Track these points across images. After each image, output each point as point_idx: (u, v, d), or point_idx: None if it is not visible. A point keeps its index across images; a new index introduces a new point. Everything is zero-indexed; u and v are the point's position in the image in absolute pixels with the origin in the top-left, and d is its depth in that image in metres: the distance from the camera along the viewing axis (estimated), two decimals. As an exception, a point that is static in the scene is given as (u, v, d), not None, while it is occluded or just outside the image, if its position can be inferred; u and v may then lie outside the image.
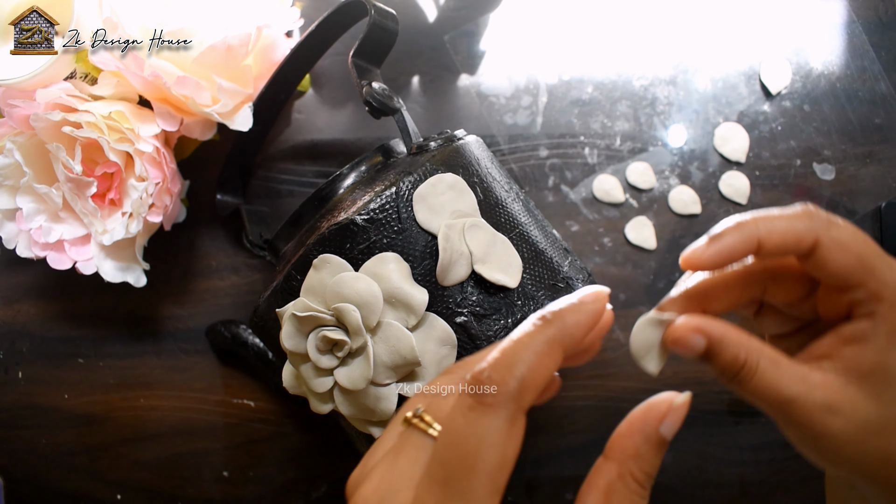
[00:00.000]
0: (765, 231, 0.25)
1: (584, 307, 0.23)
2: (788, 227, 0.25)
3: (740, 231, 0.25)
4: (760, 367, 0.25)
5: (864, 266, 0.25)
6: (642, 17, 0.51)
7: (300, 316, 0.31)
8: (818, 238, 0.25)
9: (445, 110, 0.50)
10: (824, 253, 0.25)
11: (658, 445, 0.24)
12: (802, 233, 0.25)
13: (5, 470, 0.49)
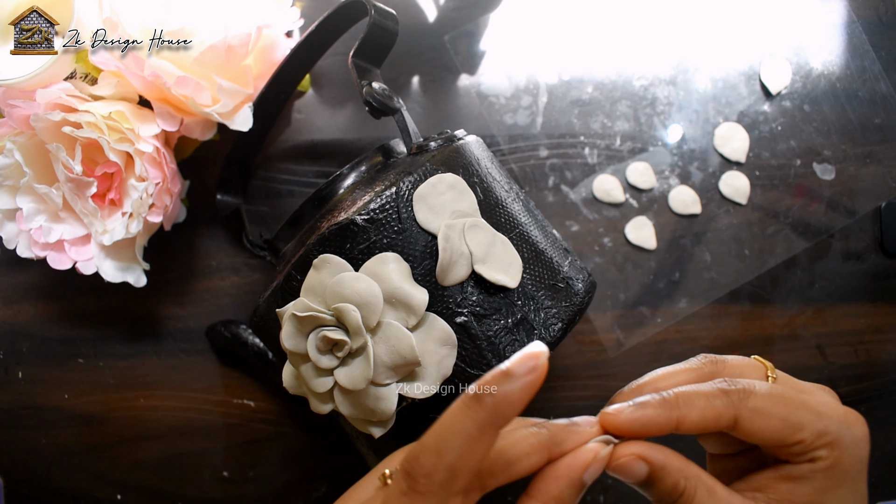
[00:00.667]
0: (685, 410, 0.26)
1: (517, 381, 0.21)
2: (706, 406, 0.26)
3: (662, 408, 0.26)
4: (697, 496, 0.25)
5: (792, 426, 0.26)
6: (642, 17, 0.51)
7: (300, 316, 0.31)
8: (737, 414, 0.26)
9: (445, 110, 0.50)
10: (747, 425, 0.26)
11: (579, 489, 0.25)
12: (721, 410, 0.26)
13: (5, 470, 0.49)
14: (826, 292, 0.49)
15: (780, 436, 0.26)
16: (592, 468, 0.25)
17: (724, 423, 0.26)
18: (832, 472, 0.25)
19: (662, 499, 0.26)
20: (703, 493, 0.25)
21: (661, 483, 0.26)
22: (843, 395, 0.49)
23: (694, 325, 0.49)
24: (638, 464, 0.26)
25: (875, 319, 0.49)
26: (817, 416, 0.26)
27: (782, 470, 0.26)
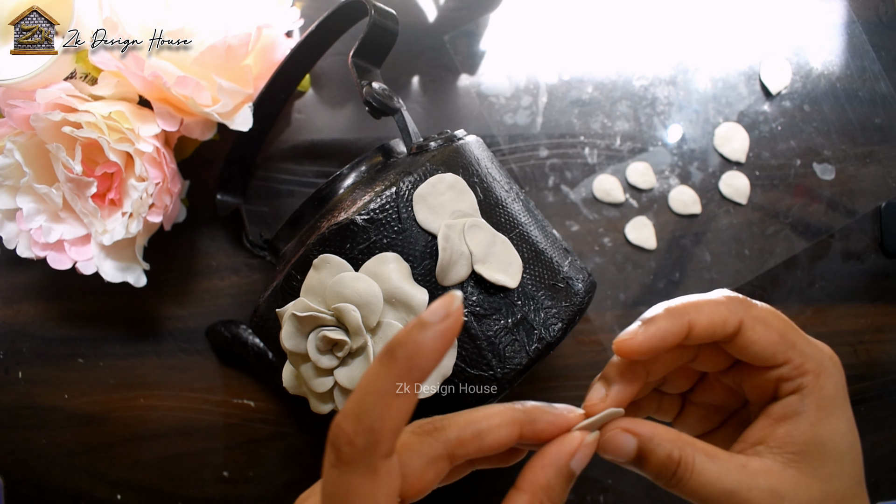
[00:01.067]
0: (694, 315, 0.26)
1: (430, 330, 0.20)
2: (715, 311, 0.26)
3: (672, 316, 0.26)
4: (697, 462, 0.25)
5: (787, 341, 0.26)
6: (642, 17, 0.51)
7: (300, 316, 0.31)
8: (742, 319, 0.26)
9: (445, 110, 0.50)
10: (748, 333, 0.26)
11: (567, 478, 0.25)
12: (727, 315, 0.26)
13: (5, 470, 0.49)
14: (826, 292, 0.49)
15: (774, 349, 0.26)
16: (579, 455, 0.25)
17: (730, 328, 0.26)
18: (823, 401, 0.26)
19: (661, 472, 0.25)
20: (703, 458, 0.25)
21: (653, 456, 0.25)
22: (843, 395, 0.49)
23: (694, 325, 0.49)
24: (625, 437, 0.26)
25: (875, 319, 0.49)
26: (806, 340, 0.27)
27: (773, 413, 0.27)
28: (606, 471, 0.48)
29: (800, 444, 0.26)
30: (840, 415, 0.26)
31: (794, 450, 0.26)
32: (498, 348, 0.31)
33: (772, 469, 0.25)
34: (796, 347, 0.26)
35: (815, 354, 0.27)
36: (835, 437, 0.26)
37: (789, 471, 0.25)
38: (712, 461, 0.25)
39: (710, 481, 0.25)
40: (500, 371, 0.31)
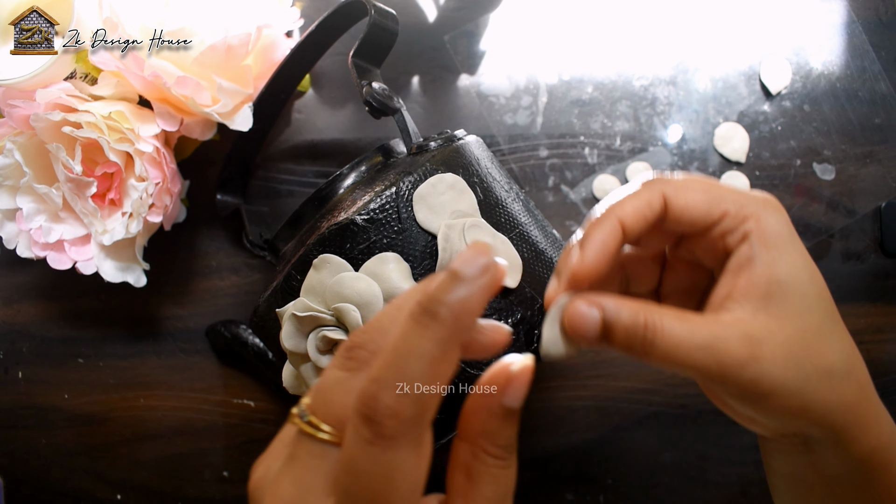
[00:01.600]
0: (620, 212, 0.26)
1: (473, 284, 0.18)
2: (636, 199, 0.26)
3: (601, 225, 0.26)
4: (665, 325, 0.24)
5: (715, 196, 0.27)
6: (642, 17, 0.51)
7: (300, 316, 0.31)
8: (663, 193, 0.26)
9: (445, 110, 0.50)
10: (674, 203, 0.26)
11: (505, 417, 0.21)
12: (649, 196, 0.26)
13: (5, 470, 0.49)
14: (826, 292, 0.49)
15: (706, 207, 0.26)
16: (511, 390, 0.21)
17: (656, 206, 0.26)
18: (768, 239, 0.26)
19: (630, 340, 0.24)
20: (671, 321, 0.24)
21: (618, 324, 0.24)
22: (843, 395, 0.49)
23: (694, 325, 0.49)
24: (588, 309, 0.24)
25: (875, 319, 0.49)
26: (732, 191, 0.27)
27: (730, 268, 0.26)
28: (606, 471, 0.48)
29: (762, 287, 0.25)
30: (792, 250, 0.26)
31: (758, 294, 0.25)
32: (498, 348, 0.31)
33: (742, 318, 0.25)
34: (727, 198, 0.27)
35: (749, 200, 0.27)
36: (792, 271, 0.26)
37: (759, 316, 0.25)
38: (681, 321, 0.24)
39: (683, 340, 0.24)
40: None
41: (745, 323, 0.25)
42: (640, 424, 0.48)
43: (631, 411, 0.48)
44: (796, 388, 0.25)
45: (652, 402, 0.48)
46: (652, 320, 0.24)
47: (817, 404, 0.25)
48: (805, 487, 0.29)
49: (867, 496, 0.28)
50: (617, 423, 0.48)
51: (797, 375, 0.24)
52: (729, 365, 0.24)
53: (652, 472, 0.48)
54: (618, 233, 0.26)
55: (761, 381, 0.24)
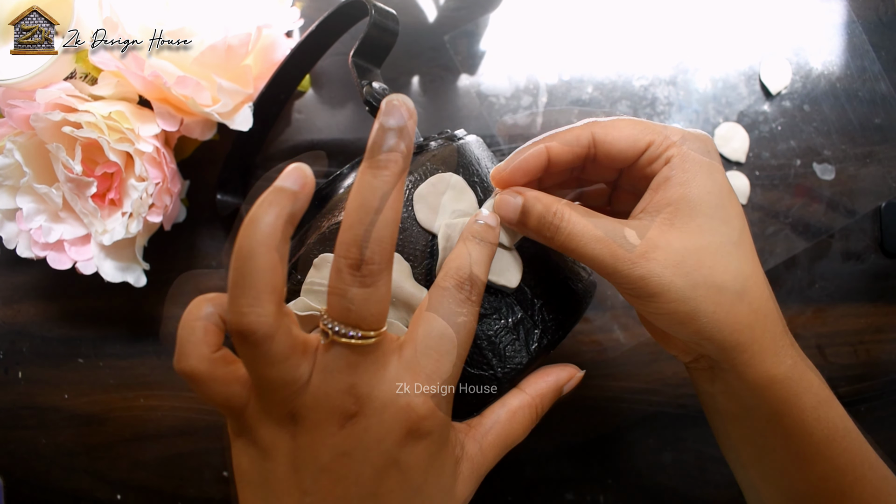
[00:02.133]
0: (549, 141, 0.30)
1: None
2: (566, 133, 0.30)
3: (531, 146, 0.30)
4: (570, 216, 0.28)
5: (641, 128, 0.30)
6: (642, 17, 0.51)
7: (301, 315, 0.31)
8: (593, 131, 0.30)
9: (445, 110, 0.50)
10: (602, 138, 0.30)
11: (557, 395, 0.31)
12: (578, 132, 0.30)
13: (5, 470, 0.49)
14: (826, 292, 0.49)
15: (633, 138, 0.29)
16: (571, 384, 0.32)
17: (584, 141, 0.30)
18: (685, 164, 0.29)
19: (541, 223, 0.29)
20: (577, 214, 0.28)
21: (533, 210, 0.29)
22: (843, 395, 0.49)
23: (694, 325, 0.49)
24: (513, 196, 0.29)
25: (875, 319, 0.49)
26: (661, 128, 0.30)
27: (651, 186, 0.30)
28: (606, 471, 0.48)
29: (671, 202, 0.28)
30: (706, 176, 0.29)
31: (667, 210, 0.28)
32: (498, 348, 0.31)
33: (646, 226, 0.28)
34: (654, 129, 0.30)
35: (675, 130, 0.30)
36: (701, 193, 0.28)
37: (663, 227, 0.28)
38: (587, 216, 0.28)
39: (585, 229, 0.28)
40: (500, 370, 0.31)
41: (647, 228, 0.28)
42: (640, 424, 0.48)
43: (631, 411, 0.48)
44: (683, 294, 0.27)
45: (652, 402, 0.48)
46: (561, 210, 0.28)
47: (704, 315, 0.27)
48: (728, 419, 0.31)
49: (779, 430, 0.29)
50: (617, 423, 0.48)
51: (685, 282, 0.27)
52: (621, 258, 0.27)
53: (652, 472, 0.48)
54: (542, 157, 0.30)
55: (649, 279, 0.27)
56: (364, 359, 0.24)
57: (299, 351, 0.24)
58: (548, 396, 0.30)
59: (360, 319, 0.24)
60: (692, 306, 0.27)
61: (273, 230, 0.22)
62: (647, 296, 0.28)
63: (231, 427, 0.26)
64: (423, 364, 0.25)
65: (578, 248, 0.28)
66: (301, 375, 0.24)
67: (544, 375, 0.31)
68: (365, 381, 0.24)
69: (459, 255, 0.27)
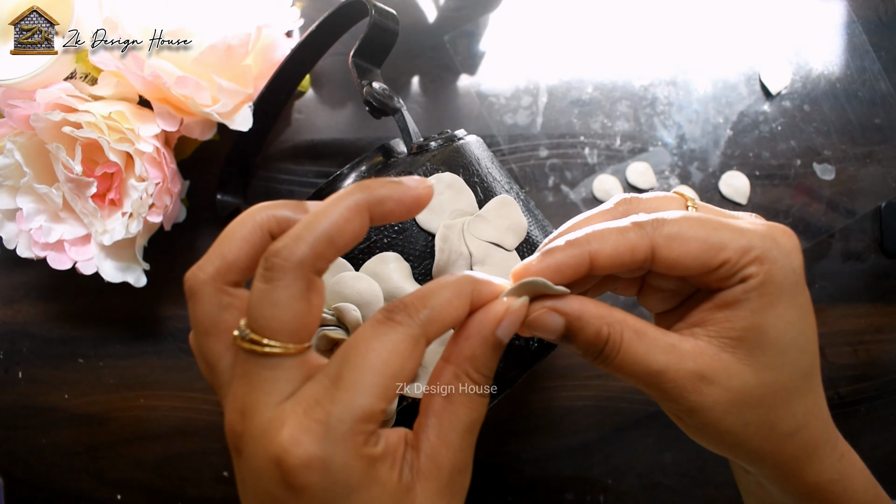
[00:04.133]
0: (597, 245, 0.24)
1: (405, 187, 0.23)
2: (619, 239, 0.24)
3: (571, 248, 0.24)
4: (625, 340, 0.24)
5: (712, 247, 0.24)
6: (642, 17, 0.51)
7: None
8: (653, 242, 0.24)
9: (445, 110, 0.50)
10: (665, 254, 0.24)
11: (494, 347, 0.23)
12: (635, 241, 0.24)
13: (5, 470, 0.49)
14: (826, 292, 0.49)
15: (702, 259, 0.24)
16: (505, 323, 0.23)
17: (640, 255, 0.24)
18: (766, 287, 0.24)
19: (589, 350, 0.24)
20: (631, 336, 0.24)
21: (581, 333, 0.24)
22: (843, 395, 0.49)
23: (694, 325, 0.49)
24: (552, 316, 0.24)
25: (875, 319, 0.49)
26: (739, 234, 0.24)
27: (717, 299, 0.25)
28: (606, 471, 0.48)
29: (738, 329, 0.24)
30: (788, 302, 0.24)
31: (732, 335, 0.24)
32: (498, 348, 0.31)
33: (704, 352, 0.24)
34: (728, 247, 0.24)
35: (755, 244, 0.24)
36: (779, 325, 0.24)
37: (723, 356, 0.24)
38: (641, 339, 0.24)
39: (637, 360, 0.24)
40: (500, 370, 0.31)
41: (704, 358, 0.24)
42: (640, 424, 0.48)
43: (631, 411, 0.48)
44: (730, 429, 0.24)
45: (652, 402, 0.48)
46: (614, 335, 0.24)
47: (751, 448, 0.25)
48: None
49: None
50: (617, 423, 0.48)
51: (736, 419, 0.24)
52: (671, 393, 0.24)
53: (652, 472, 0.48)
54: (584, 265, 0.24)
55: (698, 413, 0.24)
56: (261, 372, 0.21)
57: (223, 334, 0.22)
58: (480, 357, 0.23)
59: (253, 319, 0.21)
60: (738, 440, 0.25)
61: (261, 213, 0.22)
62: (694, 425, 0.25)
63: None
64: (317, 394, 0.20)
65: (628, 377, 0.24)
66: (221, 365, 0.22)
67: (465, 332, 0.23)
68: (252, 400, 0.21)
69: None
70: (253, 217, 0.22)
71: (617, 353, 0.24)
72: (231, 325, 0.22)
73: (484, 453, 0.48)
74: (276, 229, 0.22)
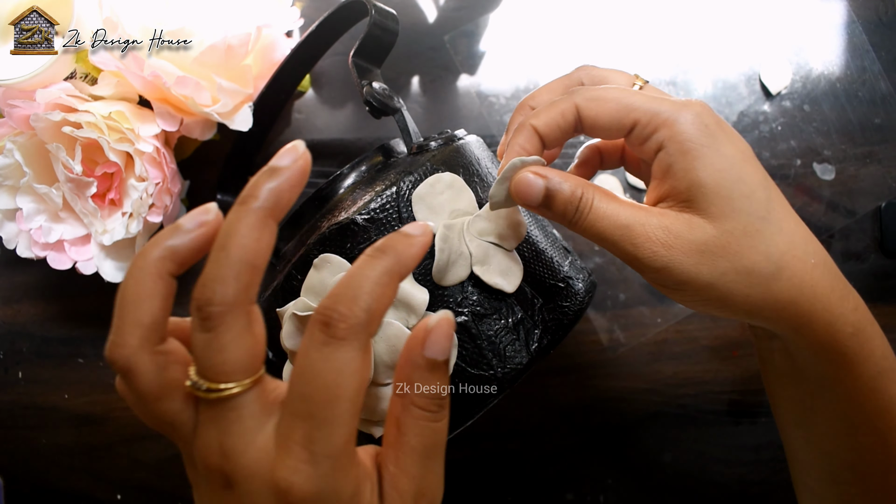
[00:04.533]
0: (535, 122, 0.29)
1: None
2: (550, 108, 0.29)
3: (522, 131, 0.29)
4: (596, 200, 0.27)
5: (625, 106, 0.28)
6: (642, 17, 0.51)
7: (301, 315, 0.31)
8: (576, 104, 0.28)
9: (445, 110, 0.50)
10: (585, 114, 0.28)
11: (429, 368, 0.23)
12: (564, 107, 0.29)
13: (5, 470, 0.49)
14: (826, 292, 0.49)
15: (616, 118, 0.28)
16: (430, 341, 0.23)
17: (569, 117, 0.29)
18: (683, 145, 0.27)
19: (565, 208, 0.27)
20: (601, 197, 0.27)
21: (559, 194, 0.27)
22: (843, 395, 0.49)
23: (694, 325, 0.49)
24: (534, 178, 0.28)
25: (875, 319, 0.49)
26: (651, 101, 0.27)
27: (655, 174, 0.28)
28: (606, 471, 0.48)
29: (683, 192, 0.27)
30: (711, 154, 0.26)
31: (681, 199, 0.27)
32: (498, 348, 0.31)
33: (668, 214, 0.27)
34: (638, 108, 0.27)
35: (666, 109, 0.27)
36: (712, 175, 0.26)
37: (683, 214, 0.27)
38: (610, 200, 0.27)
39: (608, 215, 0.27)
40: (500, 371, 0.31)
41: (668, 217, 0.27)
42: (640, 424, 0.48)
43: (631, 411, 0.48)
44: (710, 282, 0.26)
45: (652, 402, 0.48)
46: (586, 196, 0.27)
47: (738, 299, 0.26)
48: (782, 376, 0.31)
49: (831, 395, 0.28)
50: (617, 422, 0.48)
51: (710, 270, 0.26)
52: (642, 247, 0.26)
53: (652, 472, 0.48)
54: (537, 141, 0.29)
55: (672, 269, 0.26)
56: (228, 414, 0.21)
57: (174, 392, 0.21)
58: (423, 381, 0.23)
59: (204, 369, 0.21)
60: (723, 293, 0.26)
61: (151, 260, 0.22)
62: (674, 285, 0.27)
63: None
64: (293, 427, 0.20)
65: (601, 233, 0.27)
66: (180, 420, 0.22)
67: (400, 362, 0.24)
68: (231, 442, 0.21)
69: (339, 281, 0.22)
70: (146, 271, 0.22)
71: (589, 210, 0.27)
72: (178, 380, 0.22)
73: (484, 453, 0.48)
74: (174, 268, 0.22)
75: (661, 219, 0.26)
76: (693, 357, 0.48)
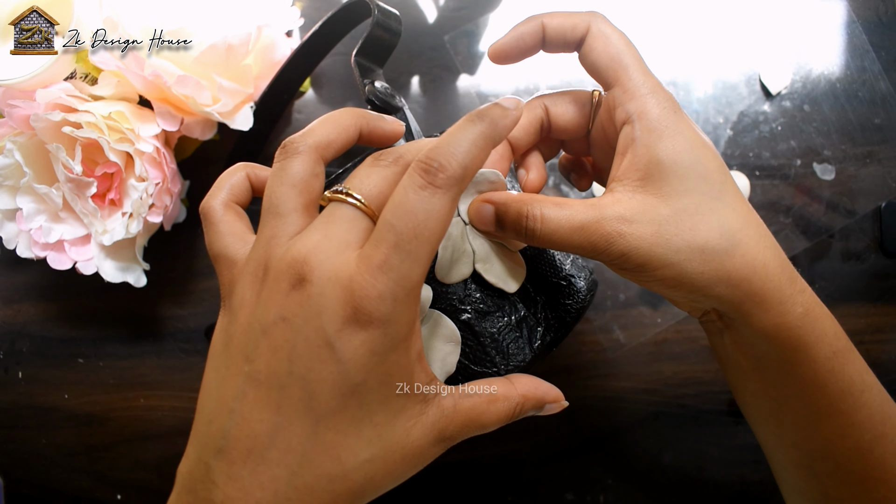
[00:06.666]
0: (548, 19, 0.31)
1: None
2: (566, 17, 0.31)
3: (530, 20, 0.31)
4: (545, 212, 0.28)
5: (621, 61, 0.29)
6: (642, 17, 0.51)
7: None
8: (589, 26, 0.30)
9: (445, 110, 0.50)
10: (590, 41, 0.30)
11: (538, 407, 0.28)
12: (577, 20, 0.31)
13: (5, 470, 0.49)
14: (826, 292, 0.49)
15: (609, 64, 0.30)
16: None
17: (578, 32, 0.31)
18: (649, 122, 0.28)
19: (517, 229, 0.28)
20: (551, 208, 0.28)
21: (507, 216, 0.28)
22: (844, 394, 0.49)
23: (694, 325, 0.49)
24: (484, 206, 0.29)
25: (875, 319, 0.49)
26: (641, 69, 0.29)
27: (619, 149, 0.29)
28: (606, 471, 0.48)
29: (642, 169, 0.28)
30: (675, 135, 0.28)
31: (639, 176, 0.28)
32: (501, 345, 0.31)
33: (620, 199, 0.28)
34: (628, 70, 0.29)
35: (642, 81, 0.29)
36: (672, 154, 0.27)
37: (637, 196, 0.27)
38: (561, 207, 0.28)
39: (561, 223, 0.27)
40: (503, 368, 0.31)
41: (622, 204, 0.27)
42: (640, 424, 0.48)
43: (631, 411, 0.48)
44: (666, 261, 0.27)
45: (652, 402, 0.48)
46: (532, 211, 0.28)
47: (693, 276, 0.27)
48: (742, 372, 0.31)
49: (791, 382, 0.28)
50: (617, 423, 0.48)
51: (666, 249, 0.27)
52: (598, 243, 0.27)
53: (652, 472, 0.48)
54: (538, 31, 0.32)
55: (629, 254, 0.27)
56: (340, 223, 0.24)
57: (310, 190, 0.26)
58: (530, 402, 0.28)
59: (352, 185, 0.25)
60: (678, 270, 0.27)
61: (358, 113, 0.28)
62: (634, 268, 0.27)
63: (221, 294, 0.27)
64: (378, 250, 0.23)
65: (561, 242, 0.28)
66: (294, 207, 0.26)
67: (536, 383, 0.28)
68: (326, 245, 0.23)
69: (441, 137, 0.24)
70: (353, 114, 0.28)
71: (540, 224, 0.27)
72: (315, 190, 0.26)
73: (484, 453, 0.48)
74: (365, 128, 0.28)
75: (615, 208, 0.27)
76: (693, 357, 0.48)
